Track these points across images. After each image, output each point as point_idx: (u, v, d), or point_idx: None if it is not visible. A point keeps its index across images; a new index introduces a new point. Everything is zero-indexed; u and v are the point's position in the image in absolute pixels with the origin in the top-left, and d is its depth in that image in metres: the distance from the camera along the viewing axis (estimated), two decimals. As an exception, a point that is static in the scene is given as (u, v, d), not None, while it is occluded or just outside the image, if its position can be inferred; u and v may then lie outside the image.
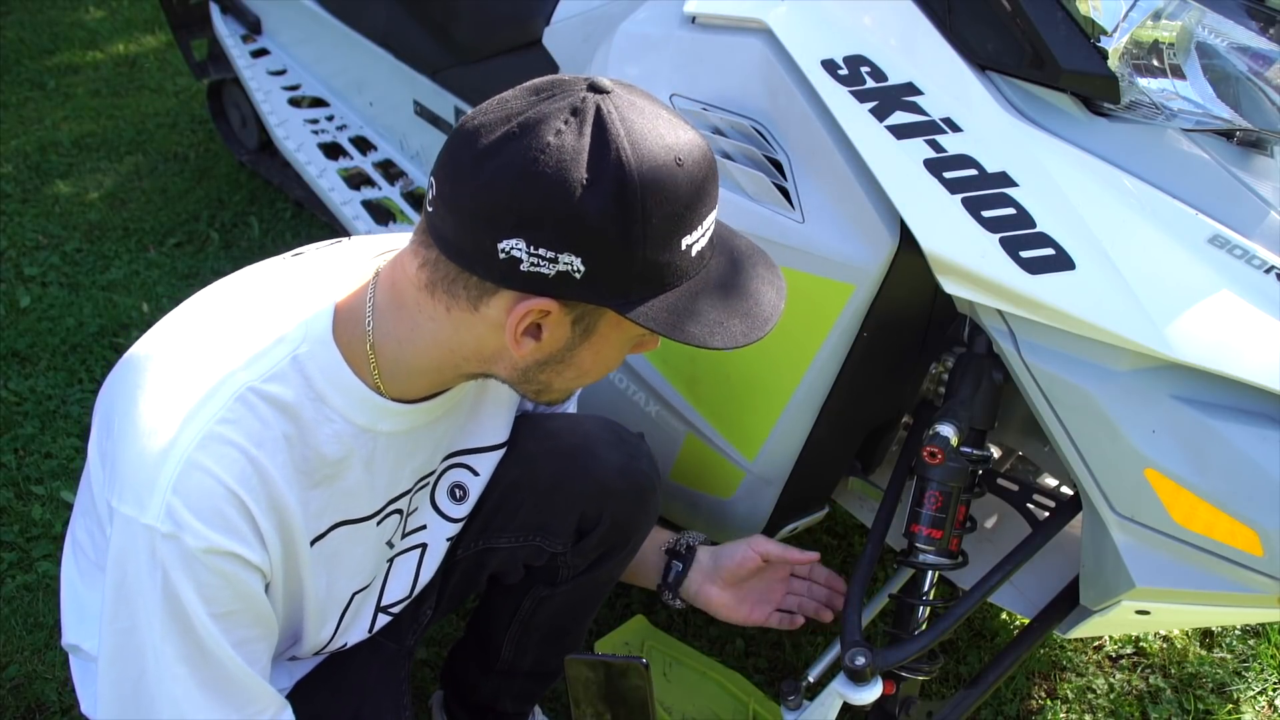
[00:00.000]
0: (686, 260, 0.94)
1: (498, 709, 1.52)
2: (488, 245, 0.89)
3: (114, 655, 0.99)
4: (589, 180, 0.86)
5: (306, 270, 1.07)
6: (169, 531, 0.93)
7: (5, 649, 1.76)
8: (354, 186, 2.45)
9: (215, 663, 0.98)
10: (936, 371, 1.55)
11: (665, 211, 0.89)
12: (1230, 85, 1.10)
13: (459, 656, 1.54)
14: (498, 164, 0.87)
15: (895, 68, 1.20)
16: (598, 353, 1.00)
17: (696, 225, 0.93)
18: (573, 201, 0.86)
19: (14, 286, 2.59)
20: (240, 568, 0.97)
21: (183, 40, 2.92)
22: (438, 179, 0.92)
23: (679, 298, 0.94)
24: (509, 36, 1.99)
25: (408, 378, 1.03)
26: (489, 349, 0.98)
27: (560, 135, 0.87)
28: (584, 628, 1.48)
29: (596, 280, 0.90)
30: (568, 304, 0.93)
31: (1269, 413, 1.09)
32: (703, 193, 0.92)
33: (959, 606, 1.32)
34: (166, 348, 1.01)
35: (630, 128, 0.88)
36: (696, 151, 0.92)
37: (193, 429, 0.95)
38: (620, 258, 0.89)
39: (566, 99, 0.89)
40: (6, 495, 2.02)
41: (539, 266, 0.89)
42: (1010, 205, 1.12)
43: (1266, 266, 1.09)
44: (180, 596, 0.95)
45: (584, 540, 1.34)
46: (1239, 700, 1.73)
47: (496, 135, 0.88)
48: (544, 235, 0.87)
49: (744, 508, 1.52)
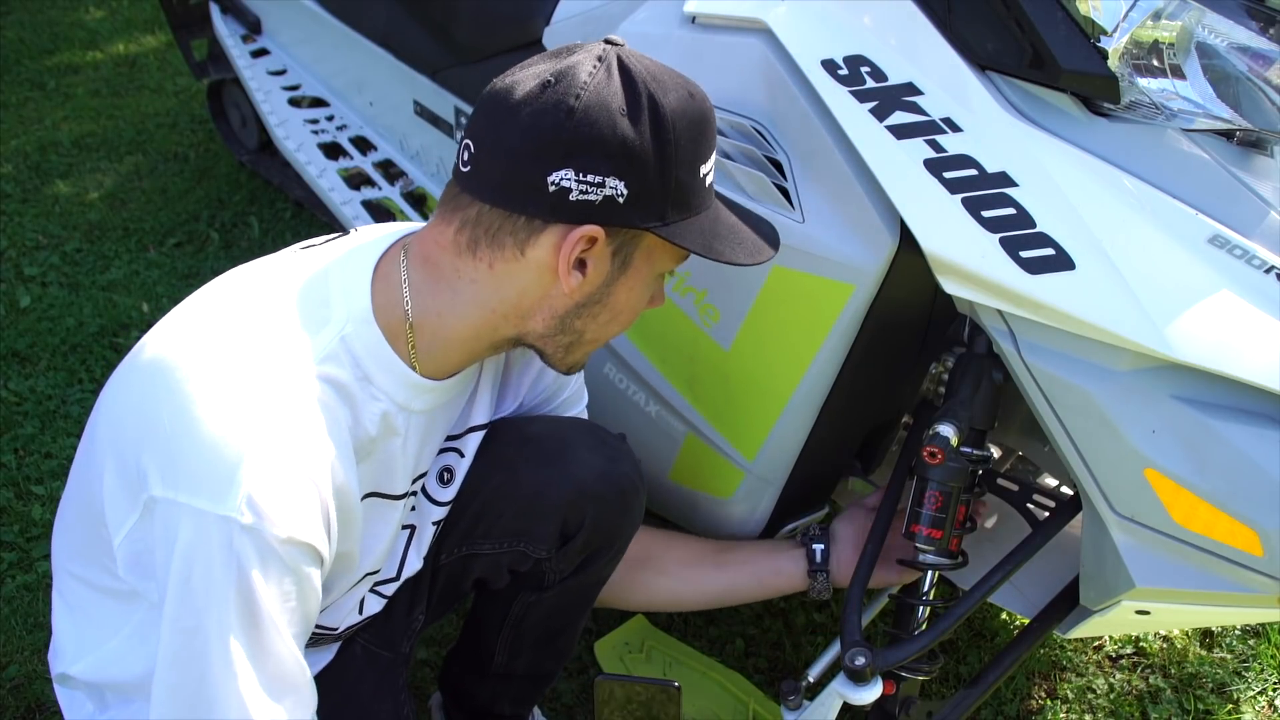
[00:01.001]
0: (703, 189, 1.06)
1: (496, 712, 1.51)
2: (538, 180, 0.98)
3: (175, 658, 0.96)
4: (626, 109, 0.98)
5: (329, 258, 1.10)
6: (249, 523, 0.92)
7: (5, 649, 1.76)
8: (354, 186, 2.44)
9: (279, 661, 0.98)
10: (936, 371, 1.55)
11: (691, 135, 1.02)
12: (1230, 85, 1.10)
13: (455, 662, 1.53)
14: (540, 105, 0.97)
15: (895, 68, 1.20)
16: (631, 289, 1.08)
17: (709, 154, 1.05)
18: (617, 130, 0.97)
19: (14, 286, 2.59)
20: (311, 560, 0.98)
21: (183, 40, 2.92)
22: (475, 137, 1.01)
23: (704, 220, 1.06)
24: (509, 36, 1.99)
25: (444, 352, 1.08)
26: (531, 298, 1.05)
27: (593, 75, 0.99)
28: (577, 629, 1.47)
29: (638, 202, 1.00)
30: (611, 231, 1.01)
31: (1269, 413, 1.09)
32: (711, 124, 1.06)
33: (959, 606, 1.32)
34: (204, 342, 1.00)
35: (648, 68, 1.01)
36: (698, 90, 1.05)
37: (265, 418, 0.95)
38: (657, 179, 1.00)
39: (589, 51, 1.01)
40: (6, 495, 2.02)
41: (587, 193, 0.98)
42: (1010, 205, 1.12)
43: (1266, 266, 1.09)
44: (255, 590, 0.94)
45: (568, 545, 1.32)
46: (1239, 700, 1.73)
47: (532, 86, 0.99)
48: (591, 162, 0.97)
49: (744, 508, 1.52)
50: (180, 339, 1.02)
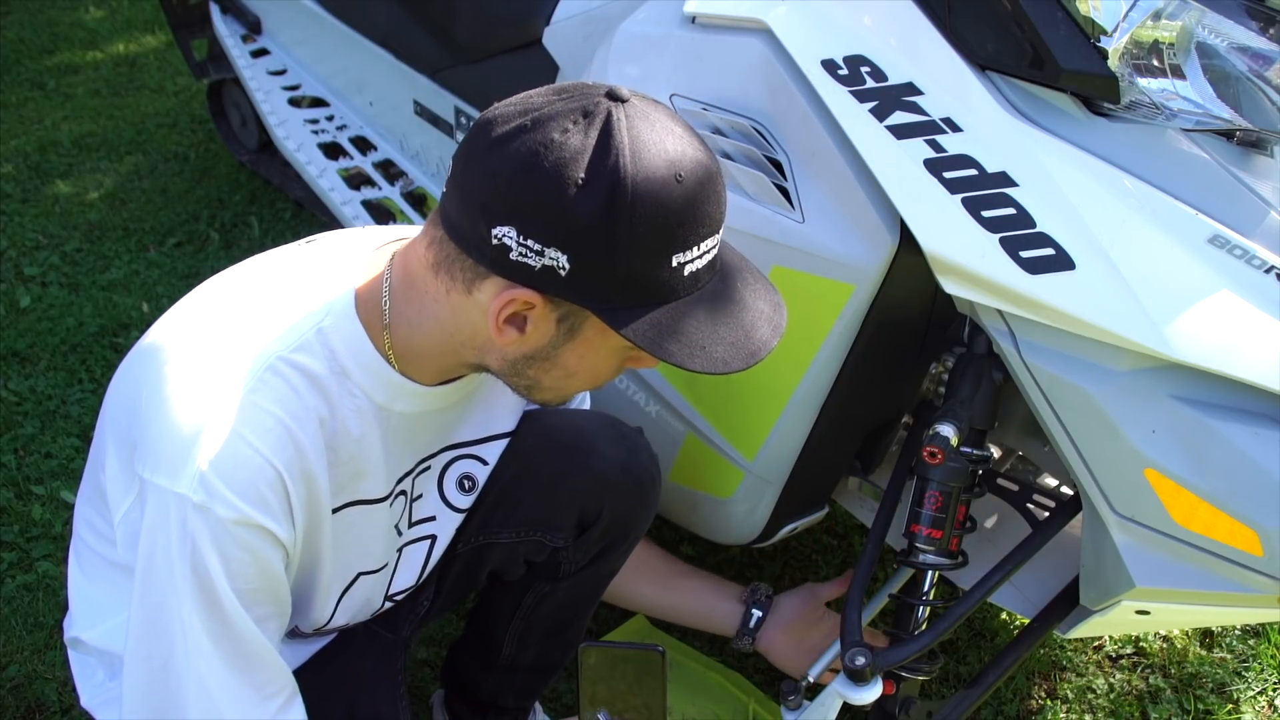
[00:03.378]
0: (678, 278, 0.94)
1: (499, 704, 1.52)
2: (483, 229, 0.92)
3: (143, 632, 0.99)
4: (584, 180, 0.89)
5: (324, 252, 1.10)
6: (200, 501, 0.93)
7: (5, 649, 1.76)
8: (354, 186, 2.44)
9: (238, 638, 0.99)
10: (936, 371, 1.55)
11: (656, 224, 0.90)
12: (1230, 85, 1.10)
13: (460, 654, 1.54)
14: (504, 153, 0.91)
15: (895, 68, 1.20)
16: (583, 357, 1.01)
17: (692, 245, 0.94)
18: (564, 199, 0.89)
19: (14, 286, 2.59)
20: (267, 543, 0.98)
21: (183, 40, 2.92)
22: (455, 160, 0.96)
23: (665, 314, 0.95)
24: (509, 36, 1.99)
25: (417, 360, 1.05)
26: (482, 336, 1.00)
27: (566, 134, 0.90)
28: (585, 621, 1.48)
29: (580, 280, 0.92)
30: (551, 300, 0.95)
31: (1269, 413, 1.09)
32: (700, 213, 0.93)
33: (959, 606, 1.32)
34: (188, 328, 1.02)
35: (635, 136, 0.90)
36: (700, 171, 0.93)
37: (226, 398, 0.96)
38: (605, 262, 0.91)
39: (582, 101, 0.92)
40: (6, 495, 2.02)
41: (526, 257, 0.91)
42: (1010, 205, 1.12)
43: (1266, 266, 1.09)
44: (208, 568, 0.95)
45: (585, 535, 1.34)
46: (1239, 700, 1.73)
47: (510, 126, 0.92)
48: (533, 227, 0.90)
49: (744, 508, 1.52)
50: (169, 327, 1.04)
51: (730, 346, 0.98)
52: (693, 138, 0.95)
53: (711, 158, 0.96)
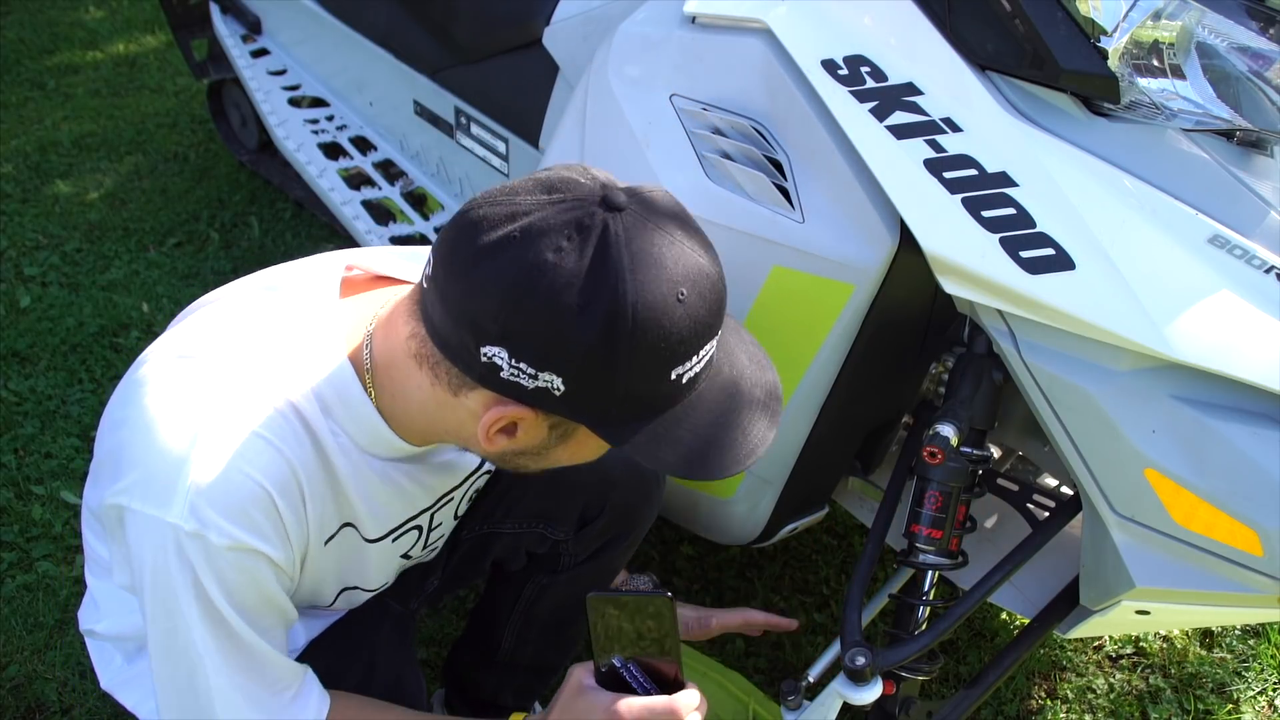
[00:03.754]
0: (676, 388, 0.92)
1: (499, 703, 1.52)
2: (470, 345, 0.88)
3: (164, 656, 0.99)
4: (580, 307, 0.84)
5: (295, 305, 1.05)
6: (193, 529, 0.93)
7: (5, 649, 1.76)
8: (354, 186, 2.44)
9: (247, 648, 0.99)
10: (936, 371, 1.55)
11: (657, 347, 0.87)
12: (1230, 85, 1.10)
13: (460, 651, 1.55)
14: (492, 269, 0.85)
15: (895, 68, 1.20)
16: (574, 453, 1.00)
17: (691, 356, 0.91)
18: (560, 327, 0.85)
19: (14, 286, 2.59)
20: (262, 565, 0.97)
21: (183, 40, 2.92)
22: (435, 260, 0.90)
23: (661, 424, 0.92)
24: (509, 36, 1.99)
25: (403, 429, 1.02)
26: (467, 431, 0.97)
27: (560, 253, 0.84)
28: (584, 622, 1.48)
29: (576, 401, 0.89)
30: (545, 414, 0.92)
31: (1269, 413, 1.09)
32: (703, 327, 0.90)
33: (959, 606, 1.32)
34: (171, 361, 1.01)
35: (634, 254, 0.85)
36: (704, 283, 0.89)
37: (213, 427, 0.95)
38: (602, 386, 0.88)
39: (575, 211, 0.86)
40: (6, 495, 2.02)
41: (518, 378, 0.88)
42: (1010, 205, 1.12)
43: (1266, 266, 1.09)
44: (209, 594, 0.95)
45: (586, 528, 1.35)
46: (1239, 700, 1.73)
47: (497, 235, 0.86)
48: (526, 352, 0.86)
49: (744, 508, 1.52)
50: (158, 356, 1.02)
51: (725, 450, 0.95)
52: (693, 240, 0.90)
53: (713, 260, 0.91)
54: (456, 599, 1.85)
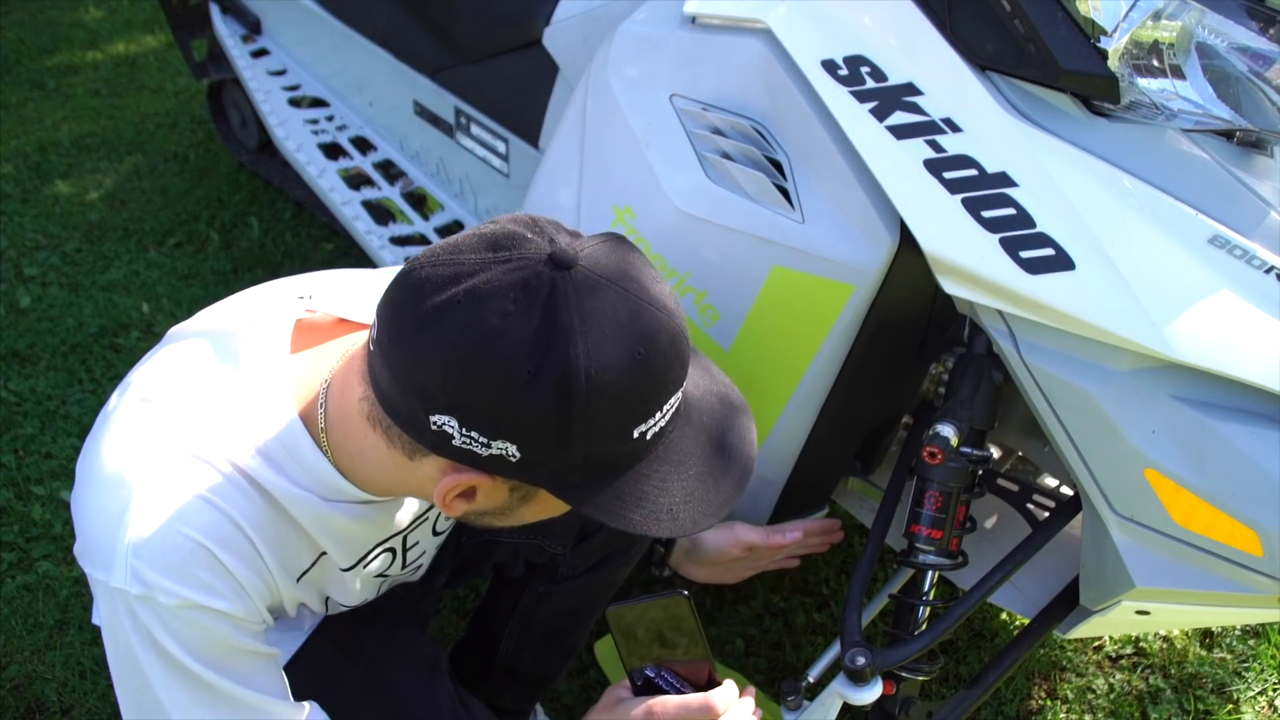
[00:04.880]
0: (639, 446, 0.87)
1: (498, 706, 1.52)
2: (420, 414, 0.84)
3: (136, 714, 0.99)
4: (530, 374, 0.80)
5: (261, 339, 1.01)
6: (140, 593, 0.91)
7: (5, 649, 1.76)
8: (354, 186, 2.45)
9: (228, 698, 0.98)
10: (936, 371, 1.55)
11: (615, 410, 0.83)
12: (1230, 85, 1.10)
13: (461, 653, 1.55)
14: (437, 336, 0.81)
15: (895, 68, 1.20)
16: (539, 511, 0.95)
17: (654, 413, 0.86)
18: (510, 395, 0.81)
19: (14, 286, 2.59)
20: (220, 621, 0.95)
21: (183, 40, 2.92)
22: (379, 324, 0.86)
23: (626, 483, 0.88)
24: (509, 36, 1.99)
25: (362, 484, 0.99)
26: (427, 491, 0.94)
27: (507, 318, 0.80)
28: (583, 633, 1.48)
29: (533, 466, 0.85)
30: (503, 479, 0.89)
31: (1269, 413, 1.09)
32: (664, 383, 0.85)
33: (959, 606, 1.32)
34: (125, 416, 0.98)
35: (585, 315, 0.80)
36: (663, 339, 0.84)
37: (148, 488, 0.93)
38: (559, 451, 0.84)
39: (521, 271, 0.81)
40: (6, 495, 2.02)
41: (471, 446, 0.84)
42: (1010, 205, 1.12)
43: (1266, 266, 1.09)
44: (170, 652, 0.94)
45: (585, 543, 1.34)
46: (1239, 700, 1.73)
47: (441, 299, 0.81)
48: (477, 421, 0.82)
49: (744, 507, 1.52)
50: (108, 418, 0.99)
51: (695, 504, 0.91)
52: (650, 294, 0.84)
53: (672, 312, 0.86)
54: (456, 599, 1.85)
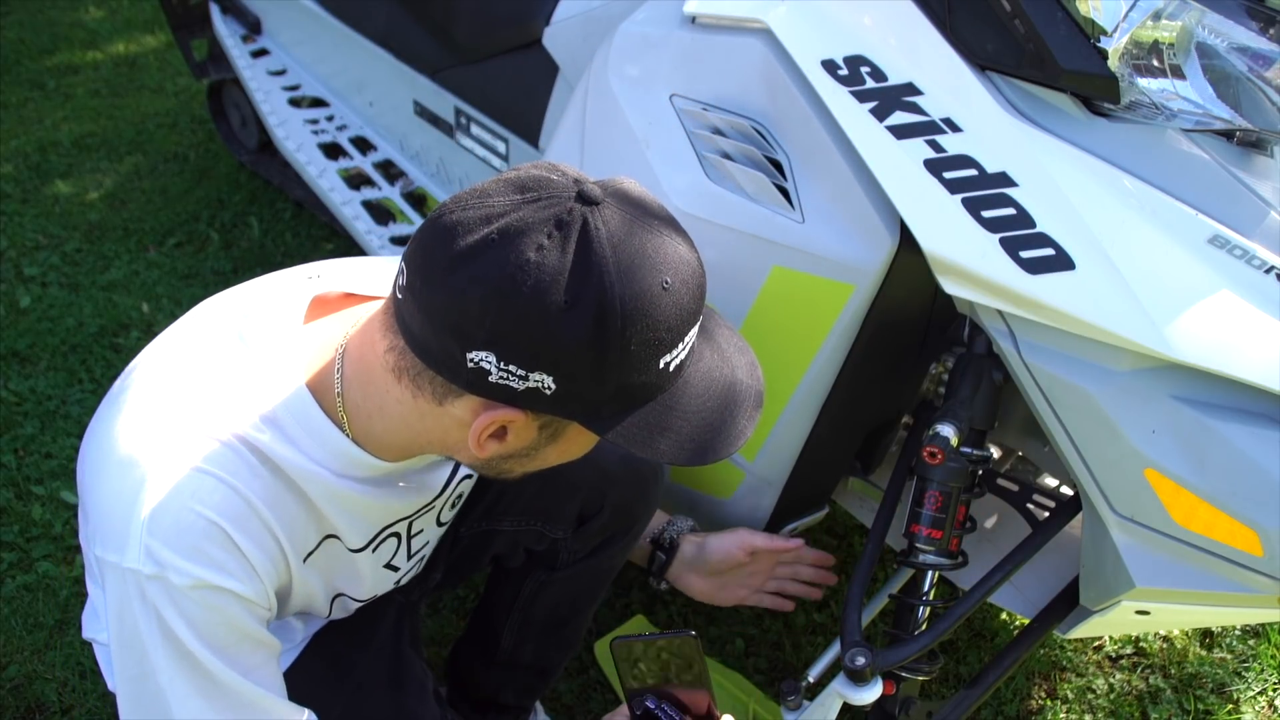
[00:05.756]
0: (664, 377, 0.91)
1: (500, 702, 1.53)
2: (456, 352, 0.86)
3: (135, 704, 0.98)
4: (567, 303, 0.83)
5: (271, 316, 1.04)
6: (153, 573, 0.92)
7: (5, 649, 1.76)
8: (354, 186, 2.45)
9: (229, 691, 0.98)
10: (936, 371, 1.55)
11: (646, 338, 0.86)
12: (1230, 85, 1.10)
13: (461, 649, 1.55)
14: (473, 273, 0.83)
15: (895, 68, 1.20)
16: (564, 452, 0.99)
17: (678, 344, 0.90)
18: (549, 326, 0.83)
19: (14, 286, 2.59)
20: (230, 601, 0.95)
21: (183, 40, 2.92)
22: (409, 269, 0.88)
23: (651, 413, 0.92)
24: (509, 36, 1.99)
25: (377, 446, 1.01)
26: (452, 440, 0.96)
27: (542, 251, 0.83)
28: (584, 620, 1.49)
29: (567, 398, 0.88)
30: (536, 414, 0.91)
31: (1269, 413, 1.09)
32: (688, 314, 0.89)
33: (959, 606, 1.32)
34: (136, 398, 1.00)
35: (618, 248, 0.84)
36: (686, 270, 0.89)
37: (162, 467, 0.93)
38: (594, 380, 0.87)
39: (552, 208, 0.84)
40: (6, 495, 2.02)
41: (508, 380, 0.86)
42: (1010, 205, 1.12)
43: (1266, 266, 1.09)
44: (179, 636, 0.94)
45: (585, 526, 1.36)
46: (1239, 700, 1.73)
47: (475, 238, 0.84)
48: (516, 354, 0.85)
49: (744, 508, 1.52)
50: (116, 399, 1.01)
51: (715, 433, 0.95)
52: (670, 229, 0.89)
53: (690, 247, 0.91)
54: (456, 599, 1.85)
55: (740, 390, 0.99)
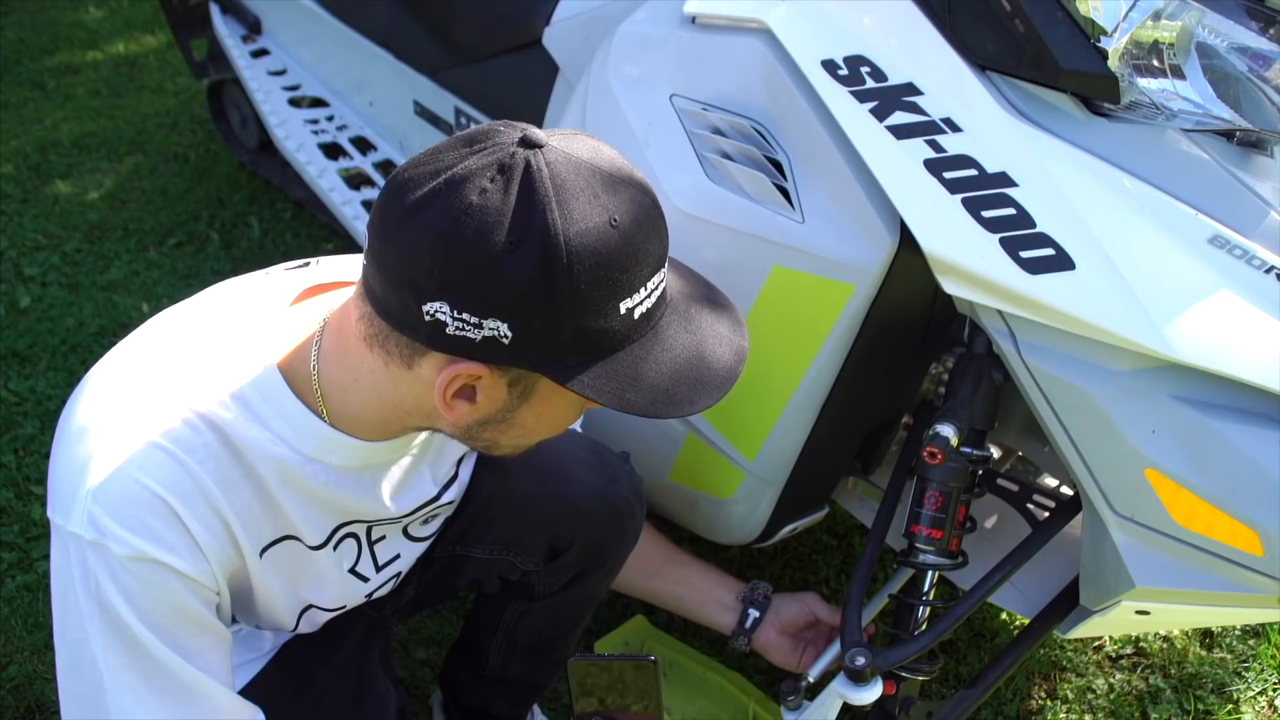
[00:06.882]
0: (628, 324, 0.90)
1: (492, 712, 1.52)
2: (413, 307, 0.86)
3: (71, 668, 0.97)
4: (512, 244, 0.83)
5: (240, 308, 1.04)
6: (93, 539, 0.91)
7: (5, 649, 1.76)
8: (354, 187, 2.45)
9: (166, 671, 0.96)
10: (936, 371, 1.55)
11: (597, 276, 0.85)
12: (1230, 85, 1.10)
13: (454, 658, 1.54)
14: (420, 223, 0.84)
15: (895, 68, 1.20)
16: (540, 415, 0.97)
17: (638, 288, 0.89)
18: (494, 266, 0.83)
19: (14, 286, 2.59)
20: (170, 577, 0.94)
21: (183, 40, 2.92)
22: (370, 232, 0.89)
23: (619, 363, 0.90)
24: (509, 36, 1.99)
25: (354, 423, 1.00)
26: (428, 406, 0.95)
27: (485, 194, 0.83)
28: (571, 641, 1.47)
29: (525, 347, 0.87)
30: (499, 367, 0.90)
31: (1269, 413, 1.09)
32: (642, 253, 0.88)
33: (959, 606, 1.32)
34: (107, 371, 1.00)
35: (560, 185, 0.84)
36: (635, 209, 0.87)
37: (117, 437, 0.93)
38: (549, 325, 0.86)
39: (495, 154, 0.85)
40: (6, 495, 2.02)
41: (464, 330, 0.86)
42: (1010, 205, 1.12)
43: (1266, 266, 1.09)
44: (115, 607, 0.92)
45: (556, 560, 1.33)
46: (1239, 700, 1.73)
47: (423, 191, 0.85)
48: (467, 300, 0.84)
49: (744, 508, 1.52)
50: (93, 374, 1.01)
51: (694, 384, 0.93)
52: (623, 171, 0.89)
53: (644, 188, 0.90)
54: (457, 599, 1.85)
55: (722, 344, 0.97)
